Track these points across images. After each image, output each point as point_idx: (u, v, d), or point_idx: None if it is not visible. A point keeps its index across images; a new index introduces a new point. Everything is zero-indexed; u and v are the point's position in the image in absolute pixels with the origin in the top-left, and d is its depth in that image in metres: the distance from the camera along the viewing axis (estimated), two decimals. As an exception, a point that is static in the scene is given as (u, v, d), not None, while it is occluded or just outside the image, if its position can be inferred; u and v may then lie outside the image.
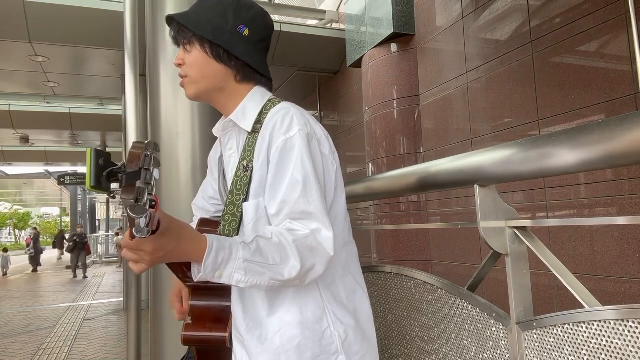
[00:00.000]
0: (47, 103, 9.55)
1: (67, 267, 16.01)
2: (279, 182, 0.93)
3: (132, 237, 0.73)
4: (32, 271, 16.73)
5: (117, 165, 0.68)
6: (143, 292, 4.96)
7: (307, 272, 0.89)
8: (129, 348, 2.55)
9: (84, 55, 6.28)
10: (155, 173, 0.68)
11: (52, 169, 19.38)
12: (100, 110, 9.82)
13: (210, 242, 0.80)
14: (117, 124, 9.23)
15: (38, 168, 20.60)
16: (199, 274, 0.81)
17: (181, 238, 0.78)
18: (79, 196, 25.25)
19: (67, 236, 18.98)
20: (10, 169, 20.76)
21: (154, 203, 0.70)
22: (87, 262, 20.23)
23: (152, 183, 0.66)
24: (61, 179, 12.33)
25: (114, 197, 0.65)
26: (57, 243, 20.41)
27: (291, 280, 0.87)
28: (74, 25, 5.40)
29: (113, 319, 6.95)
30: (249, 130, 1.02)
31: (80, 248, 14.13)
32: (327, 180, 0.99)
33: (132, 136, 2.58)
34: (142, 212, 0.63)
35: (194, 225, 1.17)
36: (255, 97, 1.06)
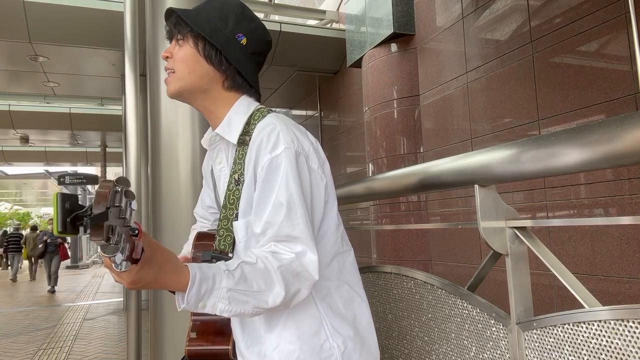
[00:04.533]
0: (47, 103, 9.54)
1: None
2: (265, 202, 0.92)
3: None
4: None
5: (83, 208, 0.67)
6: (143, 292, 4.96)
7: (291, 297, 0.88)
8: (129, 348, 2.55)
9: (84, 55, 6.28)
10: (133, 205, 0.67)
11: (52, 169, 19.33)
12: (100, 110, 9.82)
13: (194, 274, 0.78)
14: (117, 124, 9.23)
15: (38, 168, 20.57)
16: (181, 306, 0.79)
17: (162, 270, 0.76)
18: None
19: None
20: (10, 169, 20.73)
21: (136, 231, 0.69)
22: (87, 262, 19.93)
23: (127, 216, 0.65)
24: (61, 179, 12.19)
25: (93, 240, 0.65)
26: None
27: (276, 307, 0.86)
28: (74, 25, 5.40)
29: (113, 319, 6.95)
30: (235, 142, 1.01)
31: (52, 252, 10.70)
32: (316, 196, 0.97)
33: (132, 136, 2.58)
34: (114, 251, 0.63)
35: (192, 235, 1.18)
36: (240, 109, 1.04)
